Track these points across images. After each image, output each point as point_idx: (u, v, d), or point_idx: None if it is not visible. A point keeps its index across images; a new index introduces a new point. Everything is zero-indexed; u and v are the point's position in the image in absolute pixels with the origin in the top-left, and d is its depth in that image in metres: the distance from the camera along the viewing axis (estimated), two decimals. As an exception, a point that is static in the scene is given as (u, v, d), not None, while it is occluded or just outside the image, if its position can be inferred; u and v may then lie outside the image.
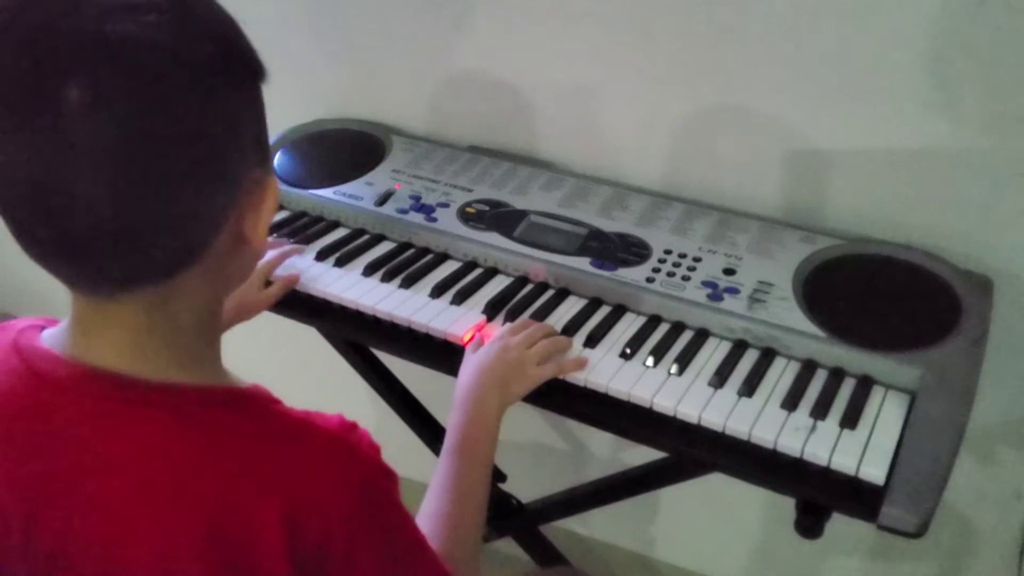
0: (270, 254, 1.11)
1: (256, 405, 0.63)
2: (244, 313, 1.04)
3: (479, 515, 0.85)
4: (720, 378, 0.94)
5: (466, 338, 1.01)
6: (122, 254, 0.55)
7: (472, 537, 0.84)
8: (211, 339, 0.65)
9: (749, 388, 0.92)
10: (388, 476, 0.66)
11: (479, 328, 1.02)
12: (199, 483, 0.58)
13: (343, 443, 0.63)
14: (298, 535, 0.59)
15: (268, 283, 1.08)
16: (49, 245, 0.54)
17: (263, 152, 0.61)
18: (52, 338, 0.62)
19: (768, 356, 0.97)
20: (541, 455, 1.67)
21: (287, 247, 1.15)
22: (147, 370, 0.60)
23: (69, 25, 0.50)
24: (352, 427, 0.65)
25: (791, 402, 0.90)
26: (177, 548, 0.58)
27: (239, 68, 0.58)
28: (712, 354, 0.98)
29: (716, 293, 1.03)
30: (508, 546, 1.44)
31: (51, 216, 0.52)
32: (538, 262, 1.10)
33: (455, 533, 0.81)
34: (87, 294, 0.59)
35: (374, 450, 0.65)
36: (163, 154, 0.52)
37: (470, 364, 0.94)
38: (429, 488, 0.85)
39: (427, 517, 0.82)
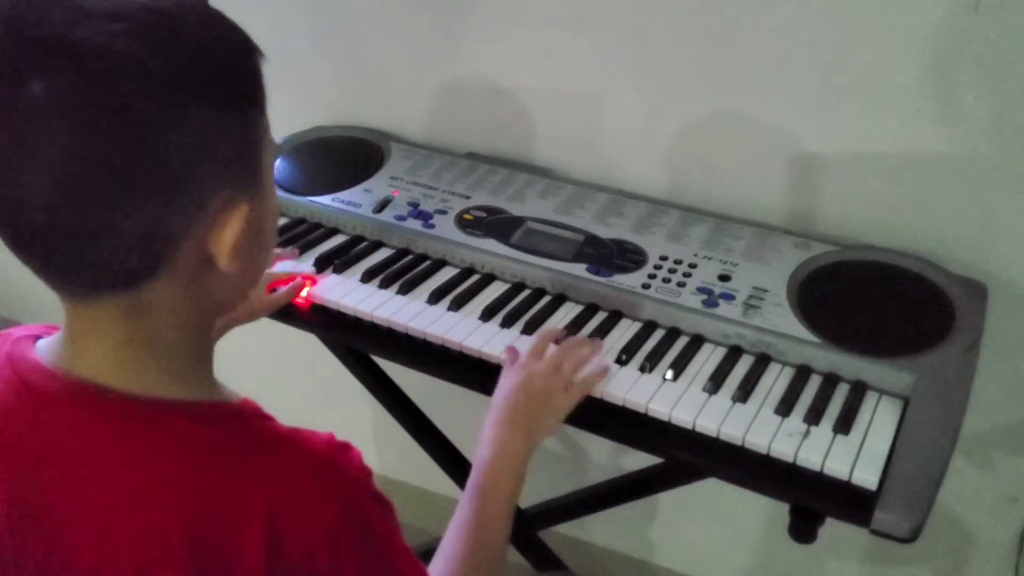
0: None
1: (242, 421, 0.62)
2: (244, 316, 1.02)
3: (498, 558, 0.83)
4: (715, 384, 0.94)
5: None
6: (74, 256, 0.55)
7: None
8: (200, 356, 0.64)
9: (743, 394, 0.93)
10: (377, 500, 0.64)
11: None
12: (179, 499, 0.58)
13: (327, 461, 0.62)
14: (280, 552, 0.58)
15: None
16: (7, 239, 0.55)
17: (243, 176, 0.59)
18: (45, 348, 0.63)
19: (762, 362, 0.98)
20: (539, 460, 1.66)
21: (282, 252, 1.14)
22: (132, 384, 0.59)
23: (36, 25, 0.51)
24: (342, 447, 0.63)
25: (785, 408, 0.91)
26: (155, 562, 0.58)
27: (220, 88, 0.56)
28: (707, 360, 0.99)
29: (711, 299, 1.04)
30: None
31: (3, 211, 0.53)
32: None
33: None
34: (59, 294, 0.59)
35: (364, 473, 0.64)
36: (116, 163, 0.52)
37: (496, 398, 0.91)
38: (449, 525, 0.83)
39: (444, 557, 0.80)
